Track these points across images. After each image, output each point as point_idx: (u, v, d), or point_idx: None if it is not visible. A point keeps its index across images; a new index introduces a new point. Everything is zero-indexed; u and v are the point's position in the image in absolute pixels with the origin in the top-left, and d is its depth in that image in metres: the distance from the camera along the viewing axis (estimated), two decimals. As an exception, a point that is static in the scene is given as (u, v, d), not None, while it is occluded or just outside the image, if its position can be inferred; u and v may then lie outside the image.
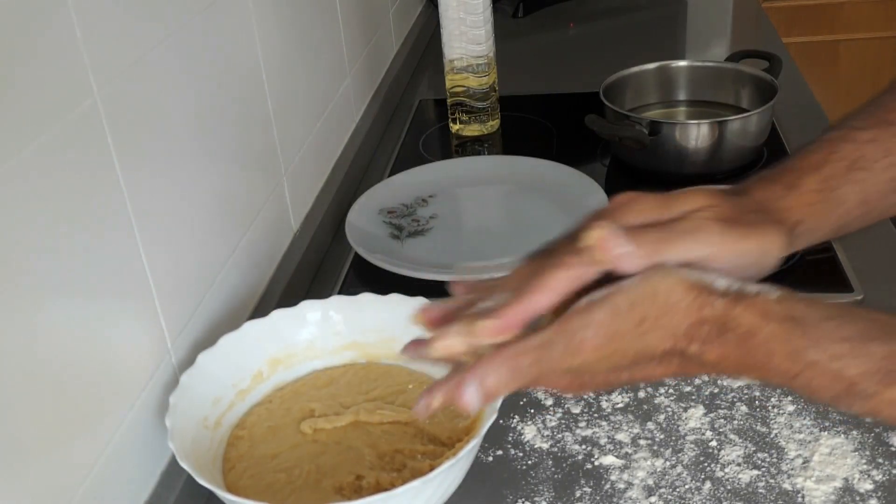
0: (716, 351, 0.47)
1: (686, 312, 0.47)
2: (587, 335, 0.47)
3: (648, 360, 0.48)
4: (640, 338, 0.47)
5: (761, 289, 0.47)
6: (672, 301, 0.47)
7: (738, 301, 0.46)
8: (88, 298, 0.59)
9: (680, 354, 0.48)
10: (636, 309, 0.47)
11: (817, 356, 0.45)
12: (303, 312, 0.78)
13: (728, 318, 0.46)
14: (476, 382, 0.48)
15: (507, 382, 0.48)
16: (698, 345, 0.47)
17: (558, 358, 0.48)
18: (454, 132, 1.33)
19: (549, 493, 0.68)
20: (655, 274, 0.48)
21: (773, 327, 0.46)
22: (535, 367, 0.48)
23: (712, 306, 0.46)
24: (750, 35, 1.73)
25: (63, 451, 0.56)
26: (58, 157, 0.55)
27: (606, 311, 0.47)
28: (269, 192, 0.93)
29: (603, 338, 0.47)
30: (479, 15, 1.22)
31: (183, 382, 0.68)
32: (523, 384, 0.49)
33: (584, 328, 0.47)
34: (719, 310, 0.46)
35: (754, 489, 0.67)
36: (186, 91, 0.74)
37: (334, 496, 0.65)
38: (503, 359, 0.48)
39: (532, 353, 0.48)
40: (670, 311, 0.47)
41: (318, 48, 1.11)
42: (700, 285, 0.47)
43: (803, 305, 0.47)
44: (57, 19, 0.56)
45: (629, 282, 0.48)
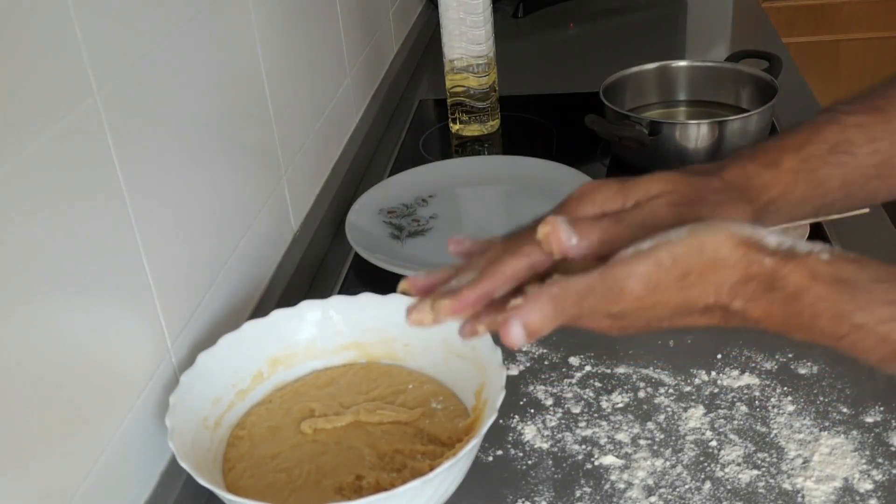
0: (760, 308, 0.47)
1: (733, 268, 0.46)
2: (629, 284, 0.47)
3: (690, 311, 0.48)
4: (683, 291, 0.47)
5: (813, 248, 0.46)
6: (719, 257, 0.47)
7: (788, 260, 0.46)
8: (88, 298, 0.59)
9: (723, 309, 0.48)
10: (680, 263, 0.47)
11: (864, 319, 0.45)
12: (303, 312, 0.78)
13: (776, 276, 0.46)
14: (520, 320, 0.49)
15: (550, 320, 0.49)
16: (742, 301, 0.47)
17: (600, 302, 0.48)
18: (454, 132, 1.33)
19: (549, 493, 0.68)
20: (705, 229, 0.47)
21: (821, 288, 0.45)
22: (576, 307, 0.49)
23: (761, 263, 0.46)
24: (750, 35, 1.73)
25: (63, 451, 0.56)
26: (58, 157, 0.55)
27: (650, 264, 0.47)
28: (269, 192, 0.93)
29: (644, 289, 0.47)
30: (479, 15, 1.22)
31: (183, 382, 0.68)
32: (565, 322, 0.50)
33: (626, 277, 0.47)
34: (768, 267, 0.46)
35: (754, 489, 0.67)
36: (186, 91, 0.74)
37: (334, 496, 0.65)
38: (547, 298, 0.49)
39: (574, 295, 0.48)
40: (716, 266, 0.47)
41: (318, 48, 1.11)
42: (749, 241, 0.47)
43: (854, 267, 0.46)
44: (57, 19, 0.56)
45: (677, 234, 0.47)
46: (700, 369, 0.79)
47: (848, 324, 0.45)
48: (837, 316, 0.45)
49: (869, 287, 0.45)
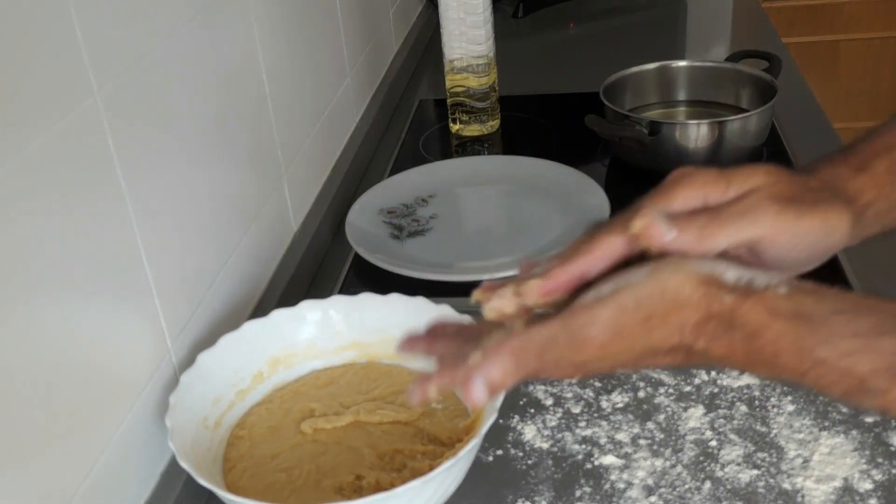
0: (722, 347, 0.46)
1: (695, 308, 0.46)
2: (592, 332, 0.47)
3: (654, 354, 0.48)
4: (647, 335, 0.47)
5: (770, 281, 0.46)
6: (681, 298, 0.46)
7: (747, 297, 0.45)
8: (88, 298, 0.59)
9: (686, 350, 0.47)
10: (643, 307, 0.46)
11: (826, 354, 0.44)
12: (303, 312, 0.78)
13: (735, 314, 0.45)
14: (482, 378, 0.48)
15: (512, 374, 0.48)
16: (705, 341, 0.46)
17: (563, 353, 0.48)
18: (454, 132, 1.33)
19: (549, 493, 0.68)
20: (665, 269, 0.47)
21: (781, 325, 0.45)
22: (538, 360, 0.48)
23: (721, 301, 0.45)
24: (750, 35, 1.73)
25: (63, 451, 0.56)
26: (58, 157, 0.55)
27: (612, 309, 0.47)
28: (269, 192, 0.93)
29: (608, 335, 0.47)
30: (479, 15, 1.22)
31: (183, 382, 0.68)
32: (527, 376, 0.49)
33: (588, 325, 0.47)
34: (727, 306, 0.45)
35: (754, 489, 0.67)
36: (186, 91, 0.74)
37: (334, 496, 0.65)
38: (508, 352, 0.48)
39: (536, 348, 0.48)
40: (679, 307, 0.46)
41: (318, 48, 1.11)
42: (710, 278, 0.46)
43: (812, 300, 0.45)
44: (57, 19, 0.56)
45: (637, 276, 0.47)
46: (700, 369, 0.79)
47: (810, 359, 0.44)
48: (799, 351, 0.44)
49: (829, 320, 0.44)
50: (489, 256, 0.98)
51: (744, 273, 0.46)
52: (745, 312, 0.45)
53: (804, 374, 0.45)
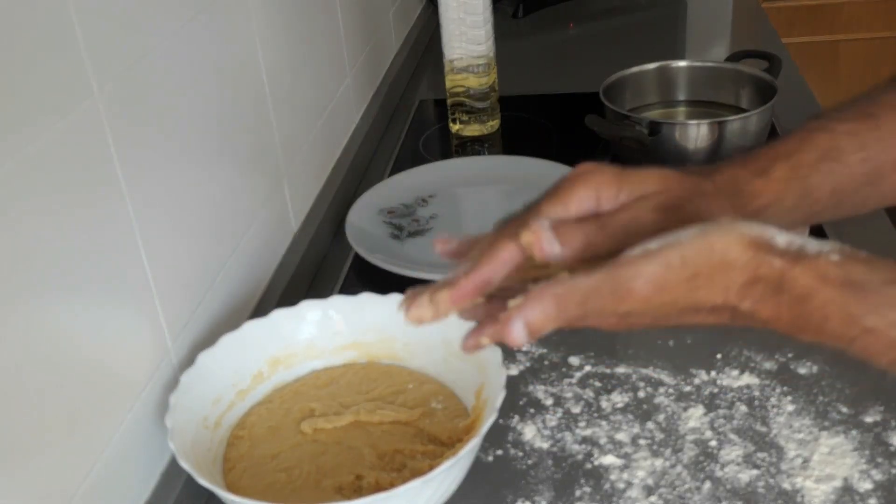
0: (769, 310, 0.46)
1: (742, 269, 0.46)
2: (636, 285, 0.47)
3: (698, 310, 0.48)
4: (692, 292, 0.47)
5: (822, 248, 0.46)
6: (728, 259, 0.46)
7: (797, 261, 0.45)
8: (88, 298, 0.59)
9: (732, 309, 0.47)
10: (689, 264, 0.46)
11: (875, 322, 0.44)
12: (303, 312, 0.78)
13: (784, 278, 0.45)
14: (522, 318, 0.48)
15: (553, 319, 0.48)
16: (751, 302, 0.46)
17: (605, 303, 0.48)
18: (454, 132, 1.33)
19: (549, 493, 0.68)
20: (715, 229, 0.47)
21: (830, 291, 0.44)
22: (580, 307, 0.48)
23: (770, 265, 0.45)
24: (750, 35, 1.73)
25: (63, 451, 0.56)
26: (58, 157, 0.55)
27: (658, 265, 0.47)
28: (269, 192, 0.93)
29: (652, 290, 0.47)
30: (479, 15, 1.22)
31: (183, 382, 0.68)
32: (568, 322, 0.49)
33: (633, 278, 0.47)
34: (776, 269, 0.45)
35: (754, 489, 0.67)
36: (186, 91, 0.74)
37: (334, 496, 0.65)
38: (551, 297, 0.48)
39: (579, 295, 0.48)
40: (725, 267, 0.46)
41: (318, 48, 1.11)
42: (759, 241, 0.46)
43: (865, 268, 0.45)
44: (57, 19, 0.56)
45: (686, 235, 0.47)
46: (700, 369, 0.79)
47: (858, 327, 0.44)
48: (847, 319, 0.44)
49: (880, 289, 0.44)
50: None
51: (795, 238, 0.46)
52: (794, 277, 0.45)
53: (851, 341, 0.45)
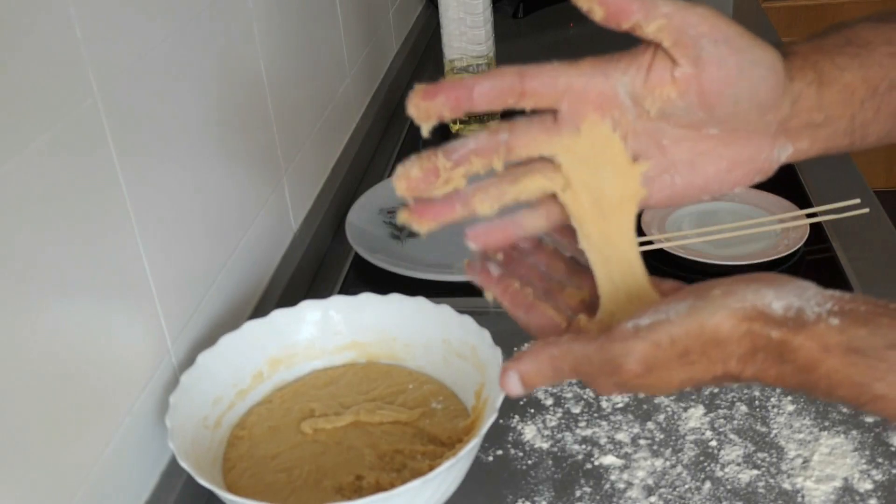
0: (772, 377, 0.46)
1: (738, 343, 0.46)
2: (626, 363, 0.47)
3: (699, 382, 0.48)
4: (686, 367, 0.47)
5: (821, 313, 0.45)
6: (720, 336, 0.46)
7: (797, 331, 0.45)
8: (88, 298, 0.59)
9: (734, 377, 0.47)
10: (678, 344, 0.47)
11: (884, 390, 0.44)
12: (303, 312, 0.78)
13: (785, 349, 0.45)
14: (517, 372, 0.50)
15: (548, 377, 0.50)
16: (753, 370, 0.46)
17: (597, 372, 0.49)
18: (454, 132, 1.32)
19: (549, 493, 0.68)
20: (704, 308, 0.47)
21: (835, 360, 0.44)
22: (574, 371, 0.49)
23: (767, 337, 0.45)
24: (750, 35, 1.73)
25: (63, 451, 0.56)
26: (58, 157, 0.55)
27: (647, 344, 0.47)
28: (269, 192, 0.93)
29: (642, 368, 0.47)
30: (479, 15, 1.22)
31: (183, 382, 0.68)
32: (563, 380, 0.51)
33: (624, 355, 0.47)
34: (775, 340, 0.45)
35: (754, 489, 0.67)
36: (186, 91, 0.74)
37: (334, 496, 0.65)
38: (547, 358, 0.50)
39: (572, 361, 0.49)
40: (718, 344, 0.46)
41: (318, 48, 1.11)
42: (753, 314, 0.46)
43: (866, 332, 0.44)
44: (57, 19, 0.56)
45: (676, 311, 0.47)
46: (700, 369, 0.79)
47: (868, 394, 0.44)
48: (856, 386, 0.44)
49: (885, 355, 0.44)
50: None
51: (793, 302, 0.46)
52: (796, 348, 0.45)
53: (863, 406, 0.45)
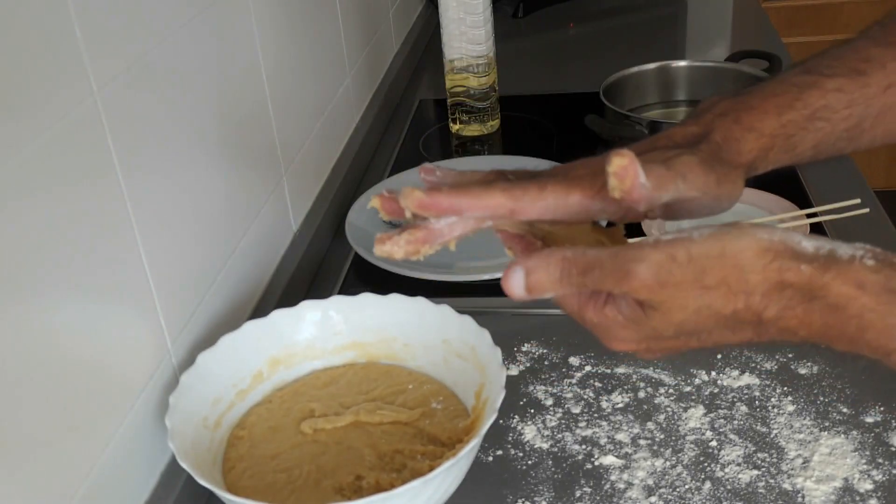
0: (797, 318, 0.44)
1: (762, 275, 0.44)
2: (638, 268, 0.45)
3: (716, 318, 0.46)
4: (703, 292, 0.45)
5: (855, 252, 0.44)
6: (742, 263, 0.44)
7: (829, 267, 0.43)
8: (88, 298, 0.59)
9: (755, 317, 0.45)
10: (695, 262, 0.45)
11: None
12: (303, 312, 0.78)
13: (815, 284, 0.43)
14: (524, 270, 0.48)
15: (555, 282, 0.48)
16: (777, 308, 0.44)
17: (606, 278, 0.46)
18: (454, 132, 1.33)
19: (549, 493, 0.68)
20: (728, 233, 0.45)
21: (868, 299, 0.42)
22: (582, 276, 0.47)
23: (797, 270, 0.43)
24: (750, 35, 1.73)
25: (63, 451, 0.56)
26: (58, 157, 0.55)
27: (663, 254, 0.45)
28: (269, 192, 0.93)
29: (653, 277, 0.45)
30: (479, 15, 1.22)
31: (183, 382, 0.68)
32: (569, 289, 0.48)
33: (636, 261, 0.45)
34: (805, 275, 0.43)
35: (754, 489, 0.67)
36: (186, 91, 0.74)
37: (334, 496, 0.65)
38: (558, 258, 0.47)
39: (584, 264, 0.47)
40: (740, 272, 0.44)
41: (318, 48, 1.11)
42: (781, 247, 0.44)
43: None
44: (57, 19, 0.56)
45: (699, 233, 0.46)
46: (700, 369, 0.79)
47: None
48: (889, 329, 0.42)
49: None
50: (489, 256, 0.97)
51: (824, 243, 0.44)
52: (827, 283, 0.43)
53: (890, 354, 0.43)
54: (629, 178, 0.47)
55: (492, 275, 0.93)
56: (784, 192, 1.00)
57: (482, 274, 0.93)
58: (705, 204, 0.52)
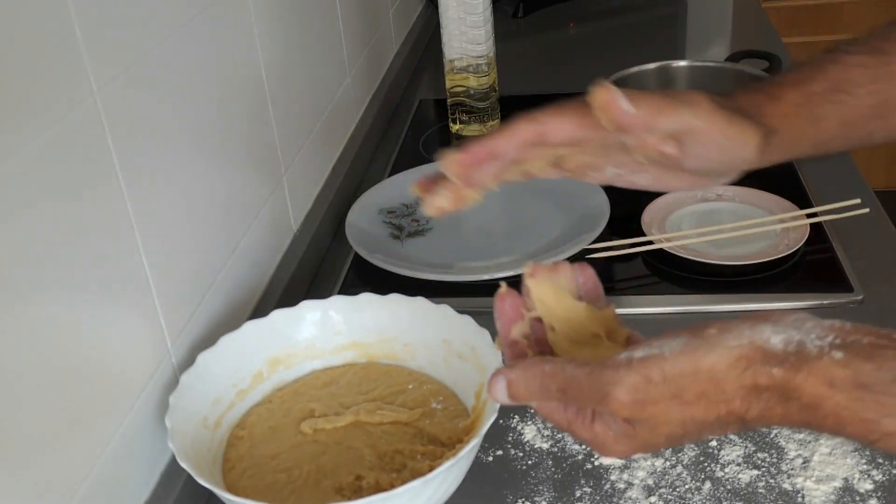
0: (779, 415, 0.45)
1: (739, 383, 0.45)
2: (615, 391, 0.46)
3: (703, 425, 0.47)
4: (683, 407, 0.46)
5: (823, 346, 0.44)
6: (717, 376, 0.45)
7: (800, 367, 0.44)
8: (88, 299, 0.59)
9: (738, 419, 0.46)
10: (671, 382, 0.46)
11: (894, 426, 0.42)
12: (303, 312, 0.78)
13: (789, 387, 0.44)
14: (506, 380, 0.50)
15: (534, 394, 0.50)
16: (758, 410, 0.45)
17: (584, 397, 0.48)
18: (454, 132, 1.33)
19: (549, 493, 0.68)
20: (699, 346, 0.46)
21: (841, 398, 0.43)
22: (561, 393, 0.49)
23: (769, 375, 0.44)
24: (750, 35, 1.73)
25: (63, 451, 0.56)
26: (58, 157, 0.55)
27: (638, 377, 0.46)
28: (269, 192, 0.93)
29: (631, 400, 0.46)
30: (479, 15, 1.22)
31: (183, 382, 0.68)
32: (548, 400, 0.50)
33: (613, 384, 0.46)
34: (778, 378, 0.44)
35: (754, 489, 0.67)
36: (186, 91, 0.74)
37: (334, 496, 0.65)
38: (538, 372, 0.50)
39: (562, 381, 0.48)
40: (716, 384, 0.45)
41: (318, 48, 1.11)
42: (751, 351, 0.45)
43: (871, 367, 0.43)
44: (57, 19, 0.56)
45: (670, 349, 0.46)
46: (700, 369, 0.79)
47: (878, 431, 0.43)
48: (864, 423, 0.43)
49: (892, 390, 0.42)
50: (489, 256, 0.98)
51: (792, 335, 0.45)
52: (799, 384, 0.44)
53: (874, 443, 0.44)
54: (612, 107, 0.51)
55: (492, 275, 0.93)
56: (784, 192, 1.00)
57: (482, 274, 0.93)
58: (717, 142, 0.54)
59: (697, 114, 0.53)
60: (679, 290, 0.92)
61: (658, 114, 0.53)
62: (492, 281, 0.93)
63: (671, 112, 0.53)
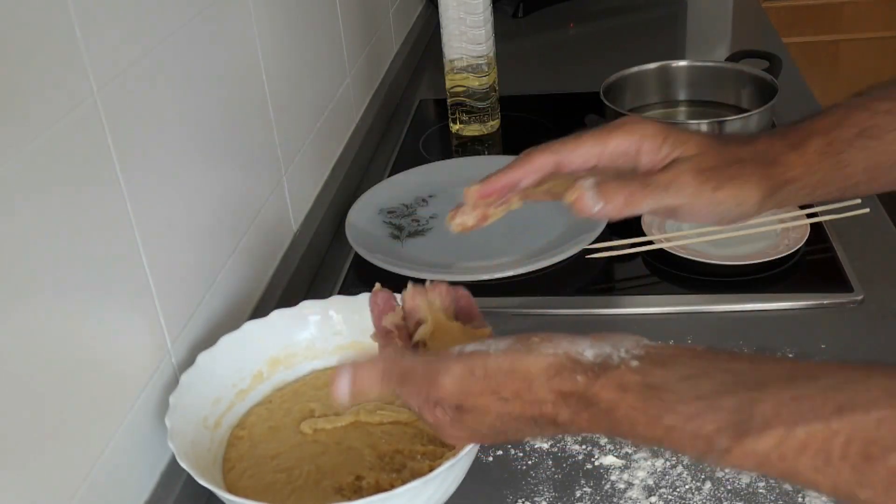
0: (586, 420, 0.48)
1: (548, 387, 0.48)
2: (442, 379, 0.50)
3: (520, 421, 0.50)
4: (501, 403, 0.50)
5: (625, 358, 0.47)
6: (530, 378, 0.49)
7: (599, 375, 0.47)
8: (88, 299, 0.59)
9: (552, 421, 0.49)
10: (491, 378, 0.49)
11: (673, 420, 0.44)
12: (303, 312, 0.78)
13: (589, 393, 0.47)
14: (349, 377, 0.54)
15: (376, 384, 0.54)
16: (568, 414, 0.48)
17: (419, 386, 0.52)
18: (454, 132, 1.33)
19: (549, 493, 0.68)
20: (518, 350, 0.50)
21: (631, 398, 0.46)
22: (400, 382, 0.53)
23: (574, 381, 0.47)
24: (750, 35, 1.73)
25: (63, 451, 0.56)
26: (58, 157, 0.55)
27: (463, 368, 0.50)
28: (269, 192, 0.93)
29: (457, 389, 0.50)
30: (479, 15, 1.22)
31: (183, 382, 0.68)
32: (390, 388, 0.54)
33: (442, 372, 0.51)
34: (580, 385, 0.47)
35: (754, 489, 0.67)
36: (186, 91, 0.74)
37: (334, 496, 0.65)
38: (377, 362, 0.54)
39: (400, 371, 0.53)
40: (528, 385, 0.49)
41: (318, 48, 1.11)
42: (563, 360, 0.48)
43: (661, 370, 0.46)
44: (57, 19, 0.56)
45: (496, 347, 0.50)
46: (700, 369, 0.79)
47: (661, 427, 0.45)
48: (650, 421, 0.45)
49: (675, 387, 0.45)
50: (489, 256, 0.98)
51: (604, 350, 0.48)
52: (597, 391, 0.47)
53: (661, 441, 0.46)
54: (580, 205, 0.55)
55: (492, 275, 0.93)
56: (784, 192, 1.00)
57: (482, 274, 0.93)
58: (707, 210, 0.57)
59: (677, 194, 0.56)
60: (679, 290, 0.92)
61: (627, 205, 0.55)
62: (492, 281, 0.93)
63: (643, 199, 0.55)
